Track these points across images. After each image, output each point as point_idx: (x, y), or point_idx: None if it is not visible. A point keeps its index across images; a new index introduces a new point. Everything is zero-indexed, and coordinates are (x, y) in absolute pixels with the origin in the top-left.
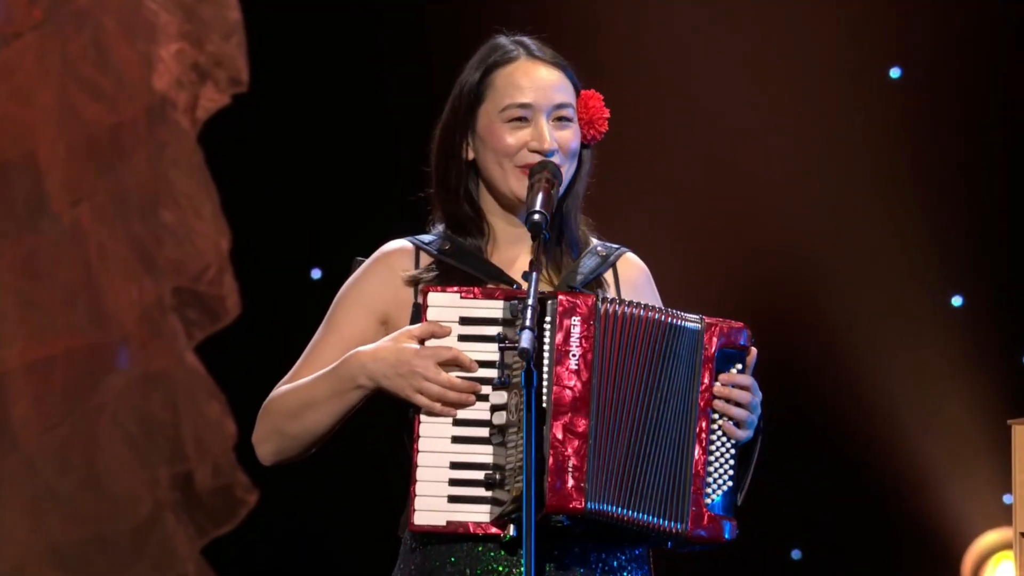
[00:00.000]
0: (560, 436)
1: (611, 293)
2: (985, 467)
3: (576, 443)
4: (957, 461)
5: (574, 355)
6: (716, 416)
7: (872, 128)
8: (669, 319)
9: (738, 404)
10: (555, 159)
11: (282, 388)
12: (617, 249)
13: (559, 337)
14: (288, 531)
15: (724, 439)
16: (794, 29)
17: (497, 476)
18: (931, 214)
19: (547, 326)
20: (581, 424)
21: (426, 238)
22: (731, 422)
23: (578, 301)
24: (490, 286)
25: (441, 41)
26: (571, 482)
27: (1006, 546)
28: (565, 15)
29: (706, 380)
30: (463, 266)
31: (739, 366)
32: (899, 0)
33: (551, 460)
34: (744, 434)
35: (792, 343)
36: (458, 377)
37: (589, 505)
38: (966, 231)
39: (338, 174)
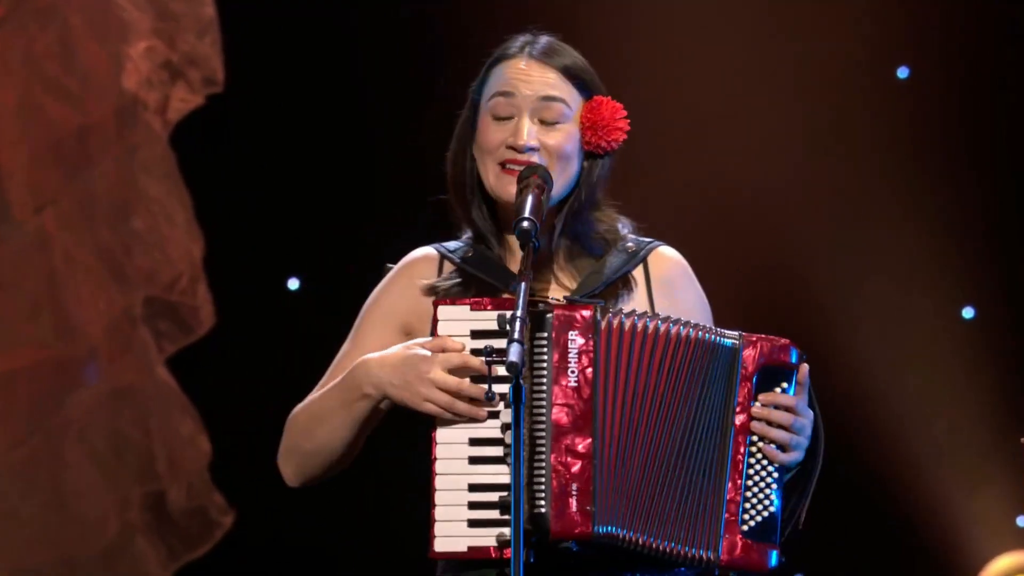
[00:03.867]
0: (562, 459)
1: (640, 293)
2: (998, 487)
3: (579, 464)
4: (968, 481)
5: (572, 371)
6: (756, 438)
7: (879, 130)
8: (699, 334)
9: (781, 426)
10: (534, 158)
11: (302, 403)
12: (649, 243)
13: (556, 355)
14: (265, 555)
15: (765, 463)
16: (799, 29)
17: (510, 498)
18: (941, 223)
19: (544, 343)
20: (583, 444)
21: (451, 245)
22: (772, 445)
23: (575, 314)
24: (504, 297)
25: (422, 43)
26: (575, 505)
27: (1020, 571)
28: (551, 16)
29: (743, 399)
30: (482, 274)
31: (784, 385)
32: None
33: (554, 484)
34: (789, 457)
35: None
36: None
37: (598, 529)
38: (977, 240)
39: (316, 180)
